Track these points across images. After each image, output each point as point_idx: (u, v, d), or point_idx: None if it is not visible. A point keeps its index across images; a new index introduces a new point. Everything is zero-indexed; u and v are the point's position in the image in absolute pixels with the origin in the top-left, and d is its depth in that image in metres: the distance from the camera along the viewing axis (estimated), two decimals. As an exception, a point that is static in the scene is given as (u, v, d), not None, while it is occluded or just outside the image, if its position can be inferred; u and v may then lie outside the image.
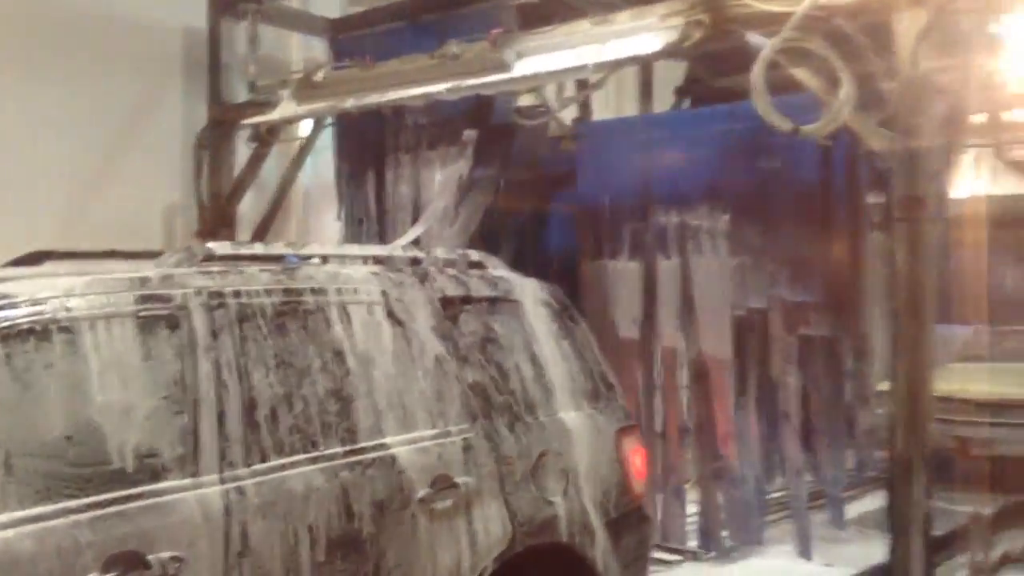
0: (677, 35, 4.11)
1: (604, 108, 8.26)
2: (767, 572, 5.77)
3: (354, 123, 6.51)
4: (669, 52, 4.27)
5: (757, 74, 3.86)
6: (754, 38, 4.00)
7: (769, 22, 3.95)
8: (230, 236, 6.89)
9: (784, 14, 3.84)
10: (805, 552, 5.72)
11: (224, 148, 6.86)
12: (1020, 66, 4.37)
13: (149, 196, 7.14)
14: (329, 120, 6.65)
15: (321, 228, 7.80)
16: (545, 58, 4.63)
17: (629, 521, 4.30)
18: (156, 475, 2.76)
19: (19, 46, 6.35)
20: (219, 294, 3.09)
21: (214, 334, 3.01)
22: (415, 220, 6.12)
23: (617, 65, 4.50)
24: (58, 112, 6.50)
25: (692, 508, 6.03)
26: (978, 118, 5.28)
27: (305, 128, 7.08)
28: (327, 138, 7.06)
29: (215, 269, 3.19)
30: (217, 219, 6.94)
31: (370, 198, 6.69)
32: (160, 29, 7.11)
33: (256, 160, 6.75)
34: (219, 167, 6.92)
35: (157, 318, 2.91)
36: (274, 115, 6.09)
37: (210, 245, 3.31)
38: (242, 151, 7.06)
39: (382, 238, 6.46)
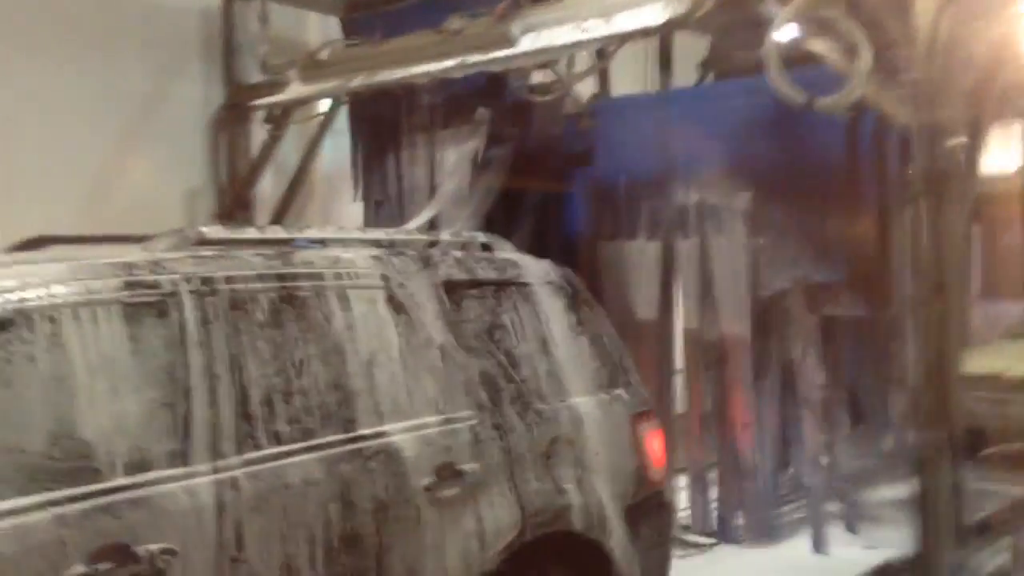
0: (687, 5, 3.95)
1: (631, 83, 8.07)
2: (801, 557, 5.64)
3: (368, 103, 6.42)
4: (678, 23, 4.11)
5: (770, 45, 3.69)
6: (769, 7, 3.82)
7: (784, -11, 3.77)
8: (247, 219, 6.85)
9: (800, -20, 3.67)
10: (818, 545, 5.51)
11: (240, 130, 6.80)
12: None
13: (170, 179, 7.08)
14: (344, 99, 6.55)
15: (342, 211, 7.73)
16: (551, 32, 4.49)
17: (647, 508, 4.21)
18: (144, 467, 2.69)
19: (34, 29, 6.30)
20: (210, 280, 3.00)
21: (205, 322, 2.93)
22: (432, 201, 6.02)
23: (626, 38, 4.35)
24: (75, 95, 6.46)
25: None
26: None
27: (323, 108, 7.00)
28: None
29: (206, 254, 3.11)
30: (234, 202, 6.89)
31: (387, 179, 6.61)
32: (176, 10, 7.04)
33: (271, 142, 6.69)
34: (235, 149, 6.86)
35: (145, 305, 2.83)
36: (284, 96, 6.00)
37: (203, 229, 3.23)
38: (259, 133, 7.00)
39: (401, 220, 6.37)
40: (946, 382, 3.73)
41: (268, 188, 7.39)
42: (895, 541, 5.23)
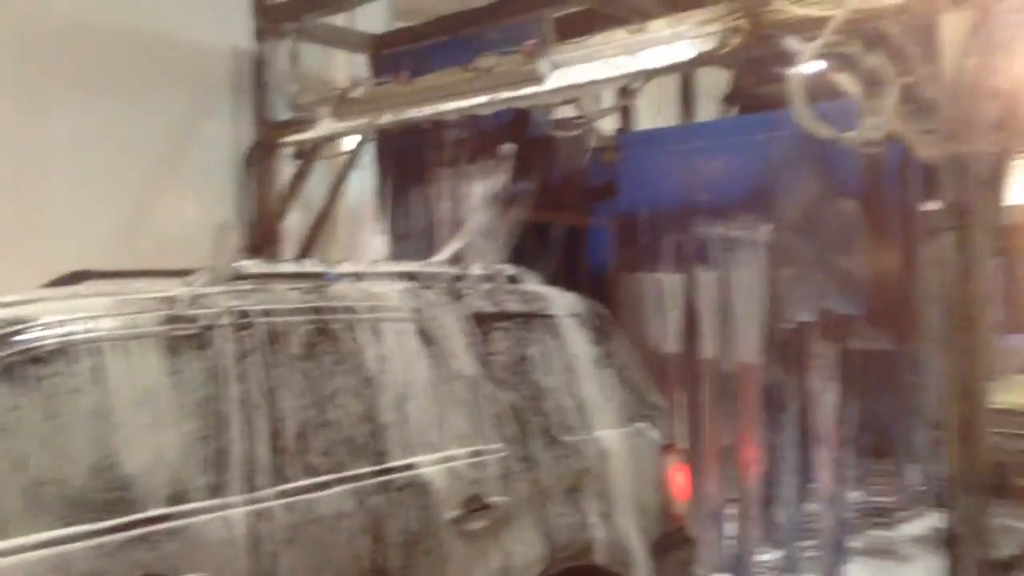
0: (715, 42, 4.02)
1: (653, 117, 8.16)
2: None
3: (394, 138, 6.52)
4: (706, 60, 4.18)
5: (795, 81, 3.74)
6: (793, 43, 3.88)
7: (808, 27, 3.83)
8: (275, 253, 6.94)
9: (823, 18, 3.73)
10: None
11: (270, 166, 6.92)
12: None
13: (200, 214, 7.20)
14: (372, 136, 6.66)
15: (365, 244, 7.81)
16: (580, 69, 4.57)
17: (671, 543, 4.20)
18: (182, 499, 2.74)
19: (68, 67, 6.46)
20: (247, 314, 3.06)
21: (242, 355, 2.98)
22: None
23: (653, 74, 4.42)
24: (107, 132, 6.59)
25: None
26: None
27: (349, 144, 7.11)
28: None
29: (244, 288, 3.18)
30: (264, 236, 7.00)
31: (412, 213, 6.69)
32: (207, 50, 7.18)
33: (300, 177, 6.80)
34: (264, 185, 6.98)
35: (185, 339, 2.90)
36: (314, 133, 6.11)
37: (239, 263, 3.30)
38: (287, 168, 7.12)
39: (426, 253, 6.43)
40: (973, 416, 3.72)
41: (295, 222, 7.49)
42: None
